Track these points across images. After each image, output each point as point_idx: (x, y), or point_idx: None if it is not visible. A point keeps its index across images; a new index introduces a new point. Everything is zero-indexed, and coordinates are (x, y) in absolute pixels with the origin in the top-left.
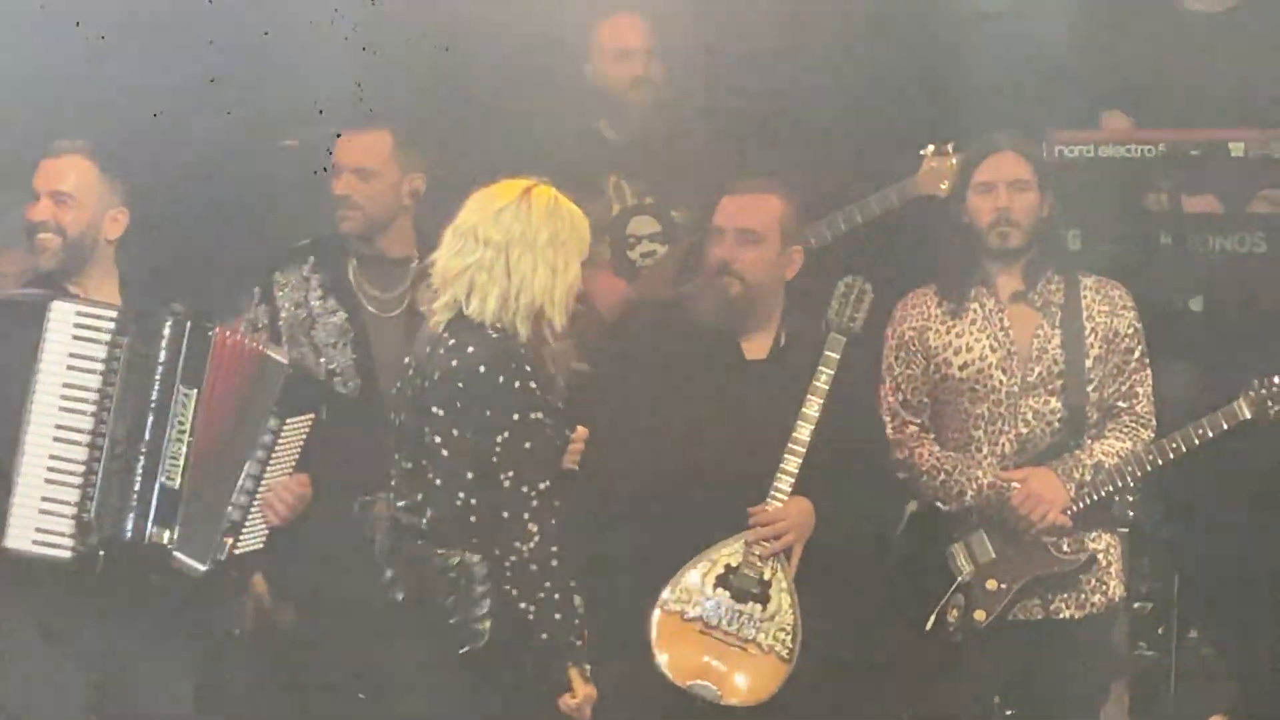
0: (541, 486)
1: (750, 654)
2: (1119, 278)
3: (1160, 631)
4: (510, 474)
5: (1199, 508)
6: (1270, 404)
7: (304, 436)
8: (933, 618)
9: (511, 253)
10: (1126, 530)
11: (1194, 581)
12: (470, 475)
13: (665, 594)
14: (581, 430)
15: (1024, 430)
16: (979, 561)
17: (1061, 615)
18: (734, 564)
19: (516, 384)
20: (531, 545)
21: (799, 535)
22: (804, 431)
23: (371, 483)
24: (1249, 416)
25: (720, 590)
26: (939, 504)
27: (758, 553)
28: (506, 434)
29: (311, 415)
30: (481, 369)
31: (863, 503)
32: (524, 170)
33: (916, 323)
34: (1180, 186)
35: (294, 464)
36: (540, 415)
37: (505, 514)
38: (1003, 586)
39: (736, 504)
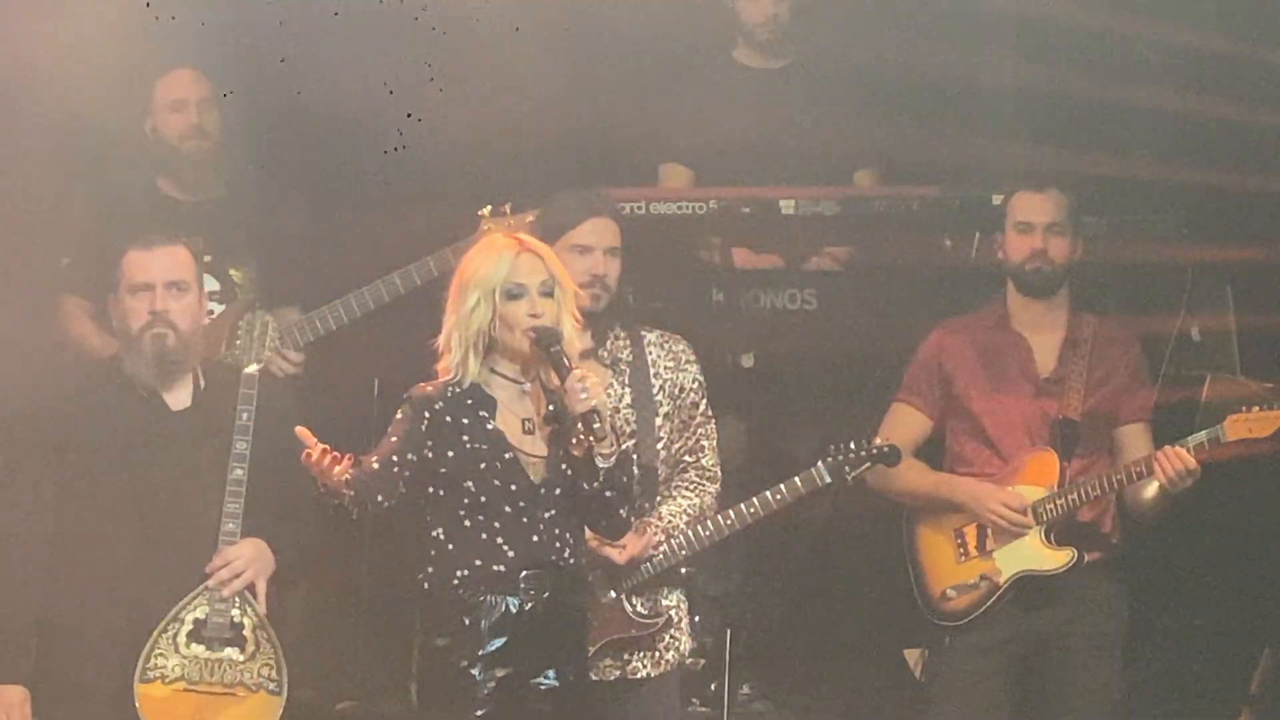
0: None
1: (239, 697)
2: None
3: (713, 688)
4: None
5: (751, 563)
6: (847, 469)
7: None
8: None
9: None
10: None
11: (746, 636)
12: None
13: (141, 664)
14: None
15: None
16: None
17: (638, 675)
18: (201, 616)
19: None
20: None
21: (258, 571)
22: (238, 471)
23: None
24: (829, 481)
25: (194, 645)
26: None
27: (222, 598)
28: None
29: None
30: None
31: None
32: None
33: None
34: (733, 242)
35: None
36: None
37: None
38: None
39: (194, 557)
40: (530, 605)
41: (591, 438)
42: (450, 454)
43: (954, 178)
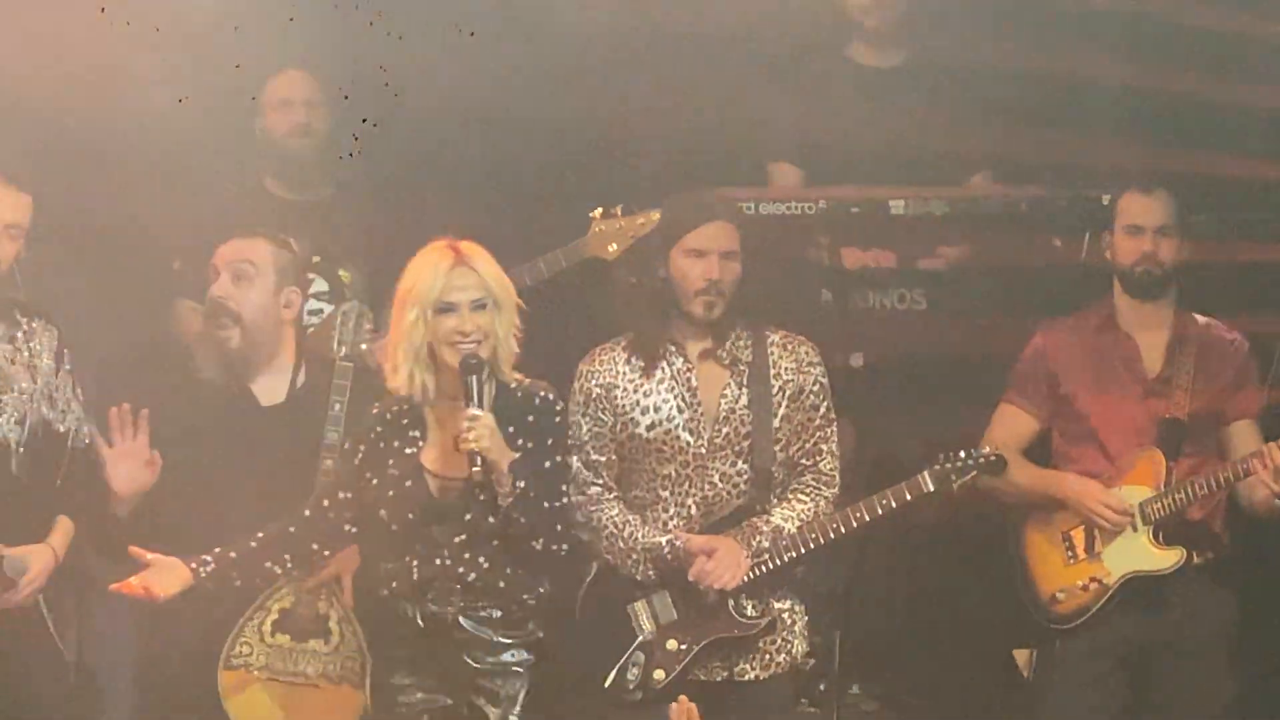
0: None
1: (322, 689)
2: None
3: (822, 688)
4: None
5: (861, 562)
6: (953, 477)
7: None
8: (612, 675)
9: None
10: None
11: (856, 637)
12: None
13: (226, 651)
14: None
15: (709, 492)
16: (661, 622)
17: (746, 676)
18: (288, 606)
19: None
20: None
21: (344, 566)
22: (329, 462)
23: None
24: (932, 489)
25: (280, 635)
26: (618, 568)
27: (307, 589)
28: None
29: None
30: None
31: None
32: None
33: (604, 379)
34: (842, 242)
35: None
36: None
37: None
38: (683, 647)
39: None
40: (433, 620)
41: (472, 476)
42: (375, 481)
43: (1063, 177)
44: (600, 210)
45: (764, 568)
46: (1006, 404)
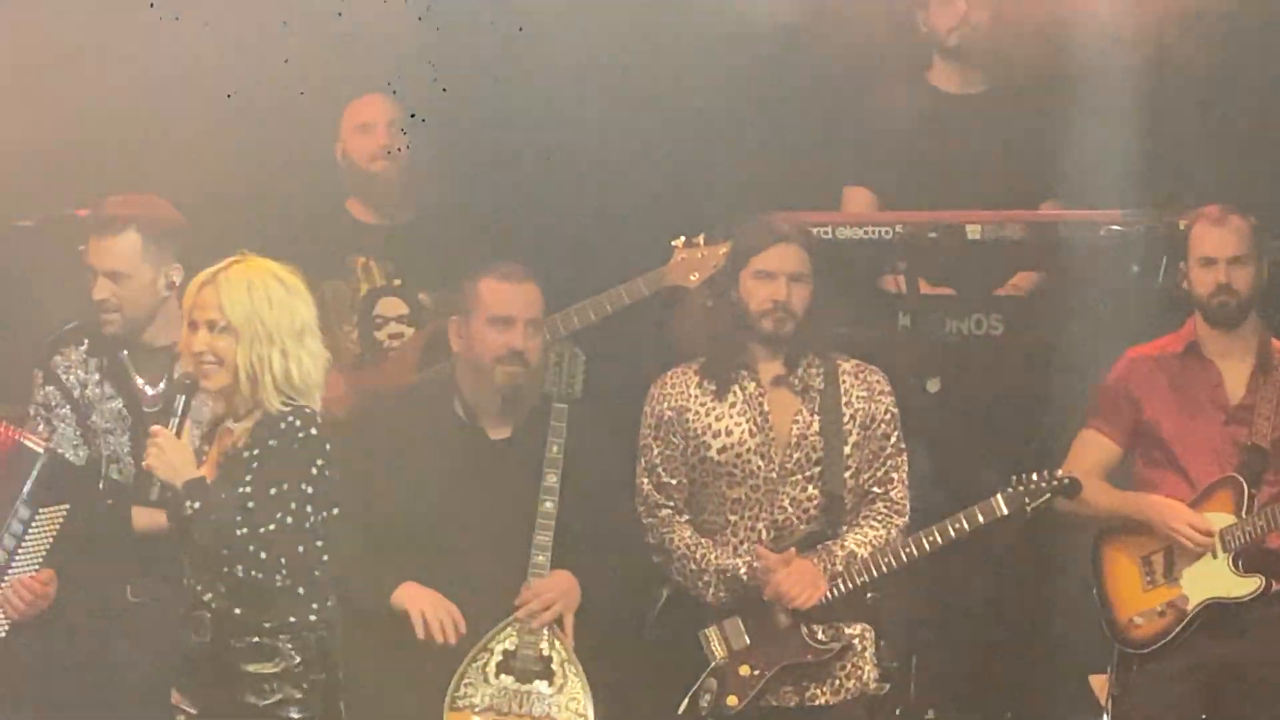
0: None
1: None
2: (856, 359)
3: (898, 713)
4: None
5: (936, 588)
6: (1027, 500)
7: (57, 527)
8: (685, 701)
9: None
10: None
11: (931, 662)
12: None
13: (451, 693)
14: None
15: (779, 517)
16: (733, 647)
17: (817, 702)
18: (511, 648)
19: None
20: None
21: (566, 605)
22: (548, 504)
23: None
24: (1006, 513)
25: (504, 676)
26: (689, 591)
27: (531, 629)
28: None
29: (66, 506)
30: None
31: (617, 575)
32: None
33: (676, 402)
34: (918, 267)
35: (44, 555)
36: None
37: None
38: (755, 673)
39: (506, 587)
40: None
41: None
42: None
43: (1141, 203)
44: (683, 239)
45: (836, 592)
46: (1089, 429)
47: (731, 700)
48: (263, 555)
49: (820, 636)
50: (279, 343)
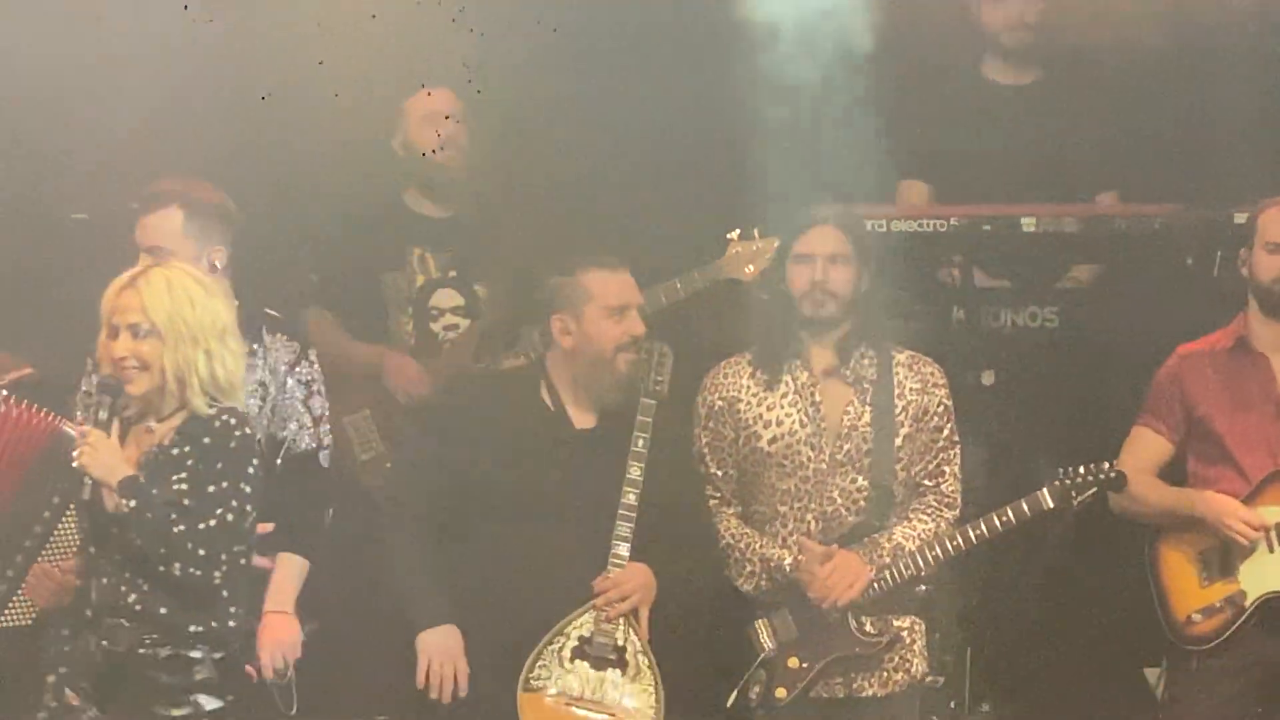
0: None
1: (618, 718)
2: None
3: (953, 706)
4: None
5: (991, 580)
6: (1074, 494)
7: None
8: (734, 694)
9: None
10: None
11: (987, 655)
12: None
13: (525, 674)
14: None
15: (829, 508)
16: (781, 639)
17: (865, 694)
18: (586, 634)
19: None
20: None
21: (643, 598)
22: (631, 496)
23: None
24: (1052, 506)
25: (578, 662)
26: (733, 582)
27: (607, 618)
28: None
29: None
30: None
31: (692, 572)
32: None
33: (728, 393)
34: (973, 260)
35: (77, 544)
36: None
37: None
38: (804, 665)
39: (584, 574)
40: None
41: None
42: None
43: (1196, 195)
44: (738, 232)
45: (883, 584)
46: (1141, 427)
47: (780, 692)
48: (201, 552)
49: (869, 629)
50: (203, 343)
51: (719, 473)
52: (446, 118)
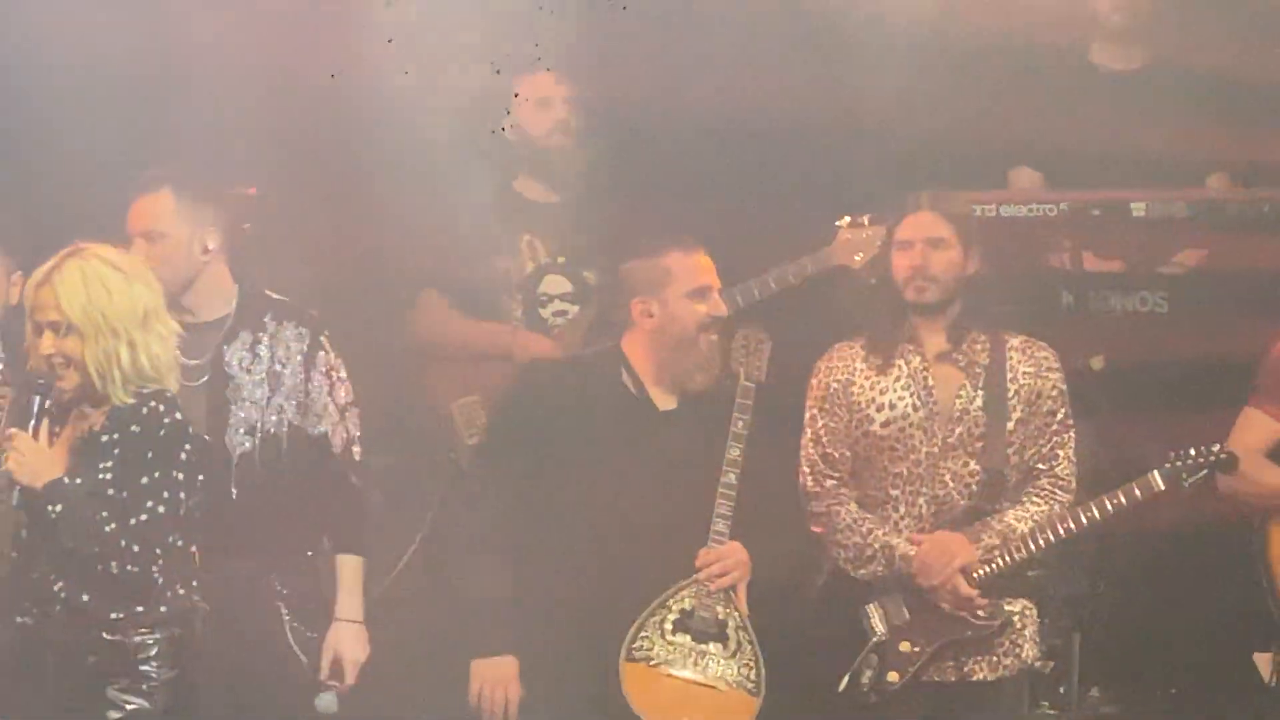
0: None
1: (721, 691)
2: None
3: (1062, 690)
4: None
5: (1100, 565)
6: (1184, 476)
7: None
8: (846, 678)
9: None
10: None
11: (1096, 640)
12: None
13: (627, 644)
14: None
15: (940, 492)
16: (893, 623)
17: (975, 677)
18: (688, 607)
19: None
20: None
21: (741, 575)
22: (731, 476)
23: None
24: (1163, 488)
25: (680, 634)
26: (846, 568)
27: (709, 592)
28: None
29: None
30: None
31: (785, 552)
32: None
33: (842, 375)
34: (1083, 244)
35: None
36: None
37: None
38: (916, 649)
39: (673, 551)
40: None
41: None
42: None
43: None
44: (848, 219)
45: (993, 566)
46: (1251, 408)
47: (892, 676)
48: (136, 548)
49: (980, 612)
50: (124, 335)
51: (834, 454)
52: (561, 100)
